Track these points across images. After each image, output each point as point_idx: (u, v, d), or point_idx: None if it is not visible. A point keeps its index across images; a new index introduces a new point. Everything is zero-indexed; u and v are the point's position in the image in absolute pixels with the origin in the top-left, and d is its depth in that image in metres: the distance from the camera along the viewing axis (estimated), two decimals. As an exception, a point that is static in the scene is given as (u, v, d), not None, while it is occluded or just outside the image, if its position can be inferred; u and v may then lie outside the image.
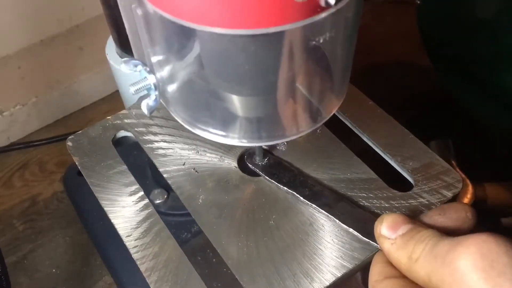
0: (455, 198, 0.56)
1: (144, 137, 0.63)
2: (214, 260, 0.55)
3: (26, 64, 1.08)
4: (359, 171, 0.59)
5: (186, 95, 0.52)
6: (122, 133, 0.64)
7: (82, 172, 0.59)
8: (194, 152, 0.61)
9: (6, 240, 0.99)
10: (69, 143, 0.62)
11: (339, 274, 0.50)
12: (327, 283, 0.50)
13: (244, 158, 0.61)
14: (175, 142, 0.62)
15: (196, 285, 0.50)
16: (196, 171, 0.59)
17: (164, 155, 0.61)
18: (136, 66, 0.49)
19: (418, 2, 0.98)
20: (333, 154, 0.61)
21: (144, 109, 0.49)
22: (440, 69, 0.98)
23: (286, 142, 0.62)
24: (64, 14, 1.07)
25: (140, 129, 0.63)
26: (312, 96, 0.50)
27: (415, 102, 1.09)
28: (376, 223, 0.48)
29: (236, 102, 0.49)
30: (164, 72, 0.49)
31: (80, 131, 0.63)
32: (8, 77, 1.07)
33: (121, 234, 0.54)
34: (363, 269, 0.56)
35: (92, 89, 1.20)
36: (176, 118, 0.52)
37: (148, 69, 0.49)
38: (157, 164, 0.60)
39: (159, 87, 0.49)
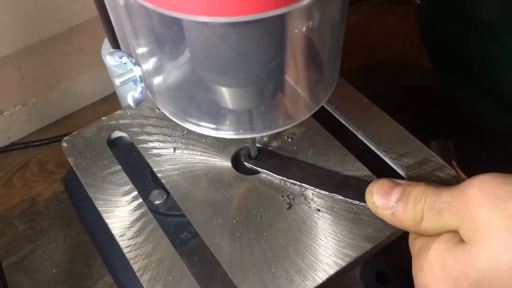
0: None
1: (138, 137, 0.63)
2: (207, 259, 0.55)
3: (26, 64, 1.08)
4: (353, 168, 0.59)
5: (173, 87, 0.51)
6: (117, 134, 0.64)
7: (76, 173, 0.59)
8: (188, 151, 0.61)
9: (6, 240, 1.00)
10: (64, 144, 0.62)
11: (332, 272, 0.50)
12: (320, 281, 0.50)
13: (237, 157, 0.61)
14: (170, 142, 0.62)
15: (189, 284, 0.50)
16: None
17: (159, 155, 0.61)
18: (121, 57, 0.48)
19: (418, 2, 0.98)
20: (327, 151, 0.61)
21: (130, 101, 0.49)
22: (440, 69, 0.98)
23: (279, 139, 0.62)
24: (64, 14, 1.07)
25: (135, 129, 0.63)
26: (301, 86, 0.50)
27: (415, 102, 1.09)
28: (367, 196, 0.49)
29: (225, 94, 0.48)
30: (150, 63, 0.48)
31: (75, 132, 0.64)
32: (8, 77, 1.07)
33: (114, 234, 0.54)
34: (361, 265, 0.56)
35: (92, 89, 1.20)
36: (164, 112, 0.52)
37: (133, 60, 0.48)
38: (151, 164, 0.60)
39: (145, 79, 0.48)
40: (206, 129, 0.50)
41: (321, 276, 0.50)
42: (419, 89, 1.12)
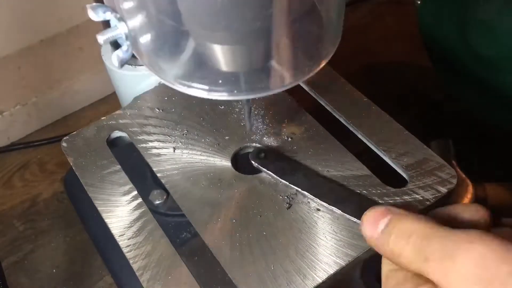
0: (450, 194, 0.56)
1: (138, 137, 0.63)
2: (207, 258, 0.55)
3: (26, 64, 1.08)
4: (353, 168, 0.59)
5: (161, 46, 0.47)
6: (117, 134, 0.64)
7: (76, 172, 0.60)
8: (188, 151, 0.61)
9: (6, 240, 0.99)
10: (64, 144, 0.62)
11: (331, 271, 0.50)
12: (320, 280, 0.50)
13: (237, 156, 0.61)
14: (169, 142, 0.62)
15: (188, 284, 0.50)
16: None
17: (158, 155, 0.61)
18: (105, 12, 0.44)
19: (419, 2, 0.98)
20: (327, 151, 0.61)
21: (115, 61, 0.46)
22: (440, 69, 0.98)
23: (279, 138, 0.62)
24: (64, 14, 1.07)
25: (135, 129, 0.63)
26: (300, 43, 0.46)
27: (415, 102, 1.09)
28: (360, 224, 0.46)
29: (218, 54, 0.44)
30: (137, 19, 0.44)
31: (75, 132, 0.64)
32: (8, 77, 1.07)
33: (114, 233, 0.54)
34: (363, 267, 0.56)
35: (92, 89, 1.20)
36: (152, 72, 0.48)
37: (118, 15, 0.44)
38: (151, 164, 0.60)
39: (131, 36, 0.44)
40: (198, 90, 0.46)
41: (321, 275, 0.50)
42: (419, 89, 1.12)
